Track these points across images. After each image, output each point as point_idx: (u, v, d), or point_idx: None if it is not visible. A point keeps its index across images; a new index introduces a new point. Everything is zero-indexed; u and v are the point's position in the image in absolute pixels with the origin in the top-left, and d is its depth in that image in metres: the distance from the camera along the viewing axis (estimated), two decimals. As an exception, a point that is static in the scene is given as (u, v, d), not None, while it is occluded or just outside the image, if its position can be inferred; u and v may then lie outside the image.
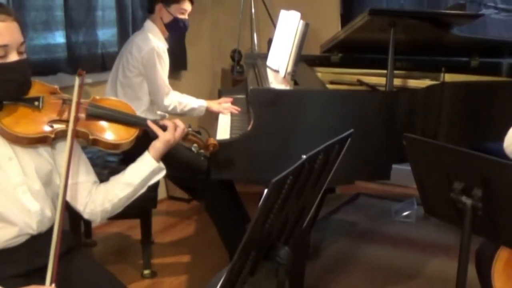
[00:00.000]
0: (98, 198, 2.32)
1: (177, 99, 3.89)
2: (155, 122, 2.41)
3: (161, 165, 2.40)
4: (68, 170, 2.14)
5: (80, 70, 2.26)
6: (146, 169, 2.34)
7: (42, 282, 2.18)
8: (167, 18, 3.82)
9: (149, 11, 3.94)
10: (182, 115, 3.97)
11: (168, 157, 3.67)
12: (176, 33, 4.07)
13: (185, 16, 3.90)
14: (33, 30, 3.83)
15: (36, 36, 3.90)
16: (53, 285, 1.98)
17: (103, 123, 2.34)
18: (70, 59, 4.14)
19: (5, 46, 2.03)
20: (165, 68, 3.82)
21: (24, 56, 2.13)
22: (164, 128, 2.39)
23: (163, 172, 2.42)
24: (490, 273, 2.36)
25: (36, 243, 2.21)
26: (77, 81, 2.23)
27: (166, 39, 3.95)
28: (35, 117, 2.19)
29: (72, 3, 4.10)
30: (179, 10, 3.83)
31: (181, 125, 2.41)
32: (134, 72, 3.75)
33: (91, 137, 2.27)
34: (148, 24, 3.88)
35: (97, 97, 2.47)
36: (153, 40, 3.77)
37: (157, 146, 2.36)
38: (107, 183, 2.37)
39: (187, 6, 3.87)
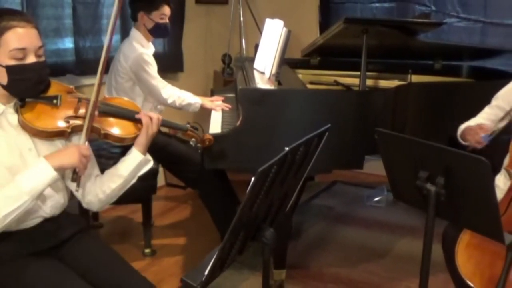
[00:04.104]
0: (95, 189, 2.32)
1: (177, 94, 3.84)
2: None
3: (148, 157, 2.36)
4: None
5: None
6: (133, 162, 2.32)
7: (57, 259, 2.20)
8: (150, 24, 3.74)
9: (133, 19, 3.85)
10: (180, 108, 3.93)
11: (167, 152, 3.69)
12: (159, 36, 4.01)
13: (166, 20, 3.80)
14: (45, 36, 3.79)
15: (48, 42, 3.87)
16: (87, 143, 2.17)
17: (113, 120, 2.33)
18: (78, 62, 4.13)
19: (23, 49, 2.05)
20: (154, 68, 3.75)
21: (42, 58, 2.15)
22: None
23: (150, 164, 2.39)
24: (454, 252, 2.37)
25: (49, 225, 2.23)
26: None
27: (153, 42, 3.90)
28: (53, 113, 2.20)
29: (80, 13, 4.08)
30: (159, 16, 3.74)
31: (155, 116, 2.37)
32: (125, 78, 3.69)
33: (102, 131, 2.27)
34: (133, 32, 3.80)
35: (107, 97, 2.48)
36: (138, 48, 3.70)
37: (139, 140, 2.32)
38: (102, 176, 2.37)
39: (166, 11, 3.78)
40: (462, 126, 2.88)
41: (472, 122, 2.87)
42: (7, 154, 2.09)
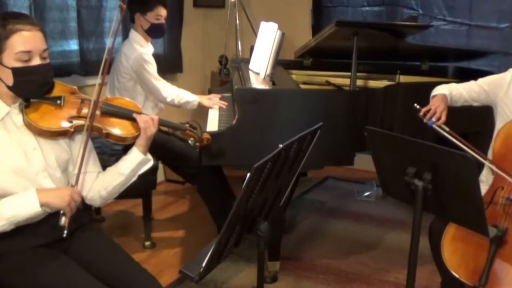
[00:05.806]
0: (97, 186, 2.33)
1: (175, 92, 3.83)
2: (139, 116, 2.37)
3: (148, 156, 2.37)
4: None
5: (122, 3, 2.29)
6: (133, 161, 2.33)
7: (61, 251, 2.20)
8: (146, 25, 3.72)
9: (131, 21, 3.83)
10: (178, 106, 3.92)
11: (167, 149, 3.69)
12: (156, 37, 3.96)
13: (162, 21, 3.78)
14: (51, 38, 3.79)
15: (54, 44, 3.87)
16: (76, 187, 2.16)
17: (114, 120, 2.33)
18: (82, 63, 4.12)
19: (28, 52, 2.04)
20: (153, 68, 3.73)
21: (47, 61, 2.14)
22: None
23: (150, 163, 2.40)
24: (440, 245, 2.37)
25: (53, 219, 2.20)
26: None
27: (153, 44, 3.89)
28: (57, 113, 2.20)
29: (84, 16, 4.08)
30: (155, 17, 3.72)
31: (155, 117, 2.37)
32: (126, 78, 3.69)
33: (104, 131, 2.27)
34: (132, 33, 3.79)
35: (109, 97, 2.47)
36: (137, 48, 3.69)
37: (140, 141, 2.33)
38: (104, 173, 2.37)
39: (162, 12, 3.75)
40: (440, 88, 2.94)
41: (448, 89, 2.90)
42: (13, 155, 2.09)
